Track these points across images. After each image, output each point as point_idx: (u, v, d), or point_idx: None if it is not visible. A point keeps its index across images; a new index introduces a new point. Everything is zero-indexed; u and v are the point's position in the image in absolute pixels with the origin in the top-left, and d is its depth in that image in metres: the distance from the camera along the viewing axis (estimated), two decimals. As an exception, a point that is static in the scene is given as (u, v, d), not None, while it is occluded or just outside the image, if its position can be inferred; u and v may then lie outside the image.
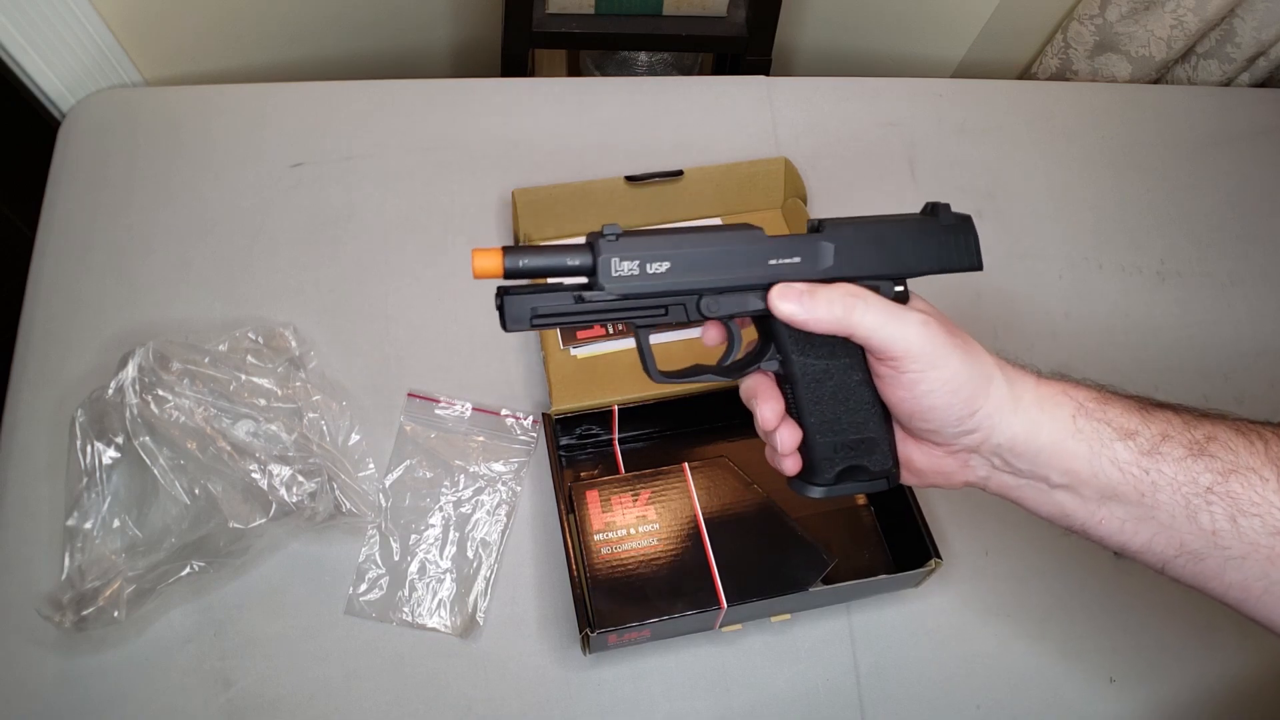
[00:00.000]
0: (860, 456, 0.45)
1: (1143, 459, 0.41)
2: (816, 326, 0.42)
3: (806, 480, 0.46)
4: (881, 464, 0.45)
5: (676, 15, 0.91)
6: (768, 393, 0.45)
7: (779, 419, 0.45)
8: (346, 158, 0.82)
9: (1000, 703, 0.62)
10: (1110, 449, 0.41)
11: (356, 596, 0.61)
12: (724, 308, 0.43)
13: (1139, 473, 0.41)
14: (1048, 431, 0.42)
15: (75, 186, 0.78)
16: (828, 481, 0.45)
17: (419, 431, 0.68)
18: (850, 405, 0.44)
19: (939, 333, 0.41)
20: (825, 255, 0.43)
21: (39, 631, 0.58)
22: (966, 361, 0.41)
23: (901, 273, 0.44)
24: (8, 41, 0.76)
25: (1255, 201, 0.89)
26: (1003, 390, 0.42)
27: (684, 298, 0.43)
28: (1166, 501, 0.40)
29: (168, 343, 0.63)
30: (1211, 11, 0.90)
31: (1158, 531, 0.41)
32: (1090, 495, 0.42)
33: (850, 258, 0.43)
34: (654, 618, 0.56)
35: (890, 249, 0.44)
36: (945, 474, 0.45)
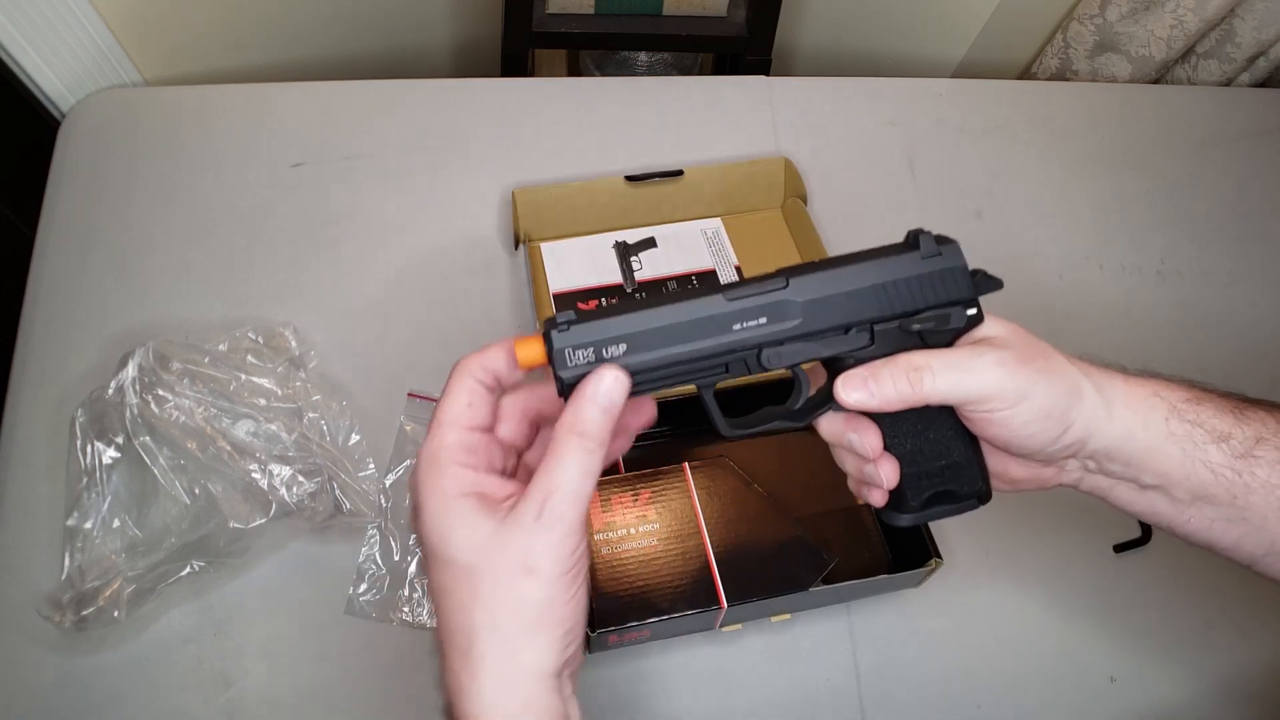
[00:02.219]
0: (947, 482, 0.44)
1: (1236, 462, 0.41)
2: (890, 407, 0.41)
3: (895, 510, 0.44)
4: (970, 485, 0.44)
5: (676, 15, 0.91)
6: (863, 425, 0.43)
7: (880, 450, 0.43)
8: (346, 158, 0.82)
9: (1000, 703, 0.62)
10: (1204, 452, 0.41)
11: (356, 596, 0.61)
12: (785, 359, 0.41)
13: (1232, 475, 0.41)
14: (1141, 436, 0.41)
15: (75, 186, 0.78)
16: (916, 509, 0.44)
17: (419, 431, 0.68)
18: (931, 435, 0.43)
19: (1015, 365, 0.40)
20: (792, 312, 0.40)
21: (39, 631, 0.57)
22: (1051, 382, 0.40)
23: (882, 317, 0.41)
24: (8, 41, 0.76)
25: (1255, 201, 0.89)
26: (1093, 398, 0.41)
27: (744, 354, 0.40)
28: (1259, 503, 0.40)
29: (168, 343, 0.63)
30: (1211, 11, 0.90)
31: (1247, 532, 0.41)
32: (1181, 496, 0.42)
33: (820, 311, 0.40)
34: (654, 618, 0.56)
35: (865, 296, 0.40)
36: (1041, 480, 0.45)
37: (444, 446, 0.36)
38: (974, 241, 0.91)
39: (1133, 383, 0.42)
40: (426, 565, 0.37)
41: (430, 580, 0.37)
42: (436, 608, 0.36)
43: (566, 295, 0.75)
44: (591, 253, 0.78)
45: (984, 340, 0.42)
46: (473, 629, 0.34)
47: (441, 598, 0.36)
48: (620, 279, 0.76)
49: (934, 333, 0.41)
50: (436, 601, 0.36)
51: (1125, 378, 0.43)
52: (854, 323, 0.41)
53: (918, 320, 0.41)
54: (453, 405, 0.37)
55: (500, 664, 0.34)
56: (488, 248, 0.78)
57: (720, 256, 0.79)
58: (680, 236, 0.80)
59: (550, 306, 0.74)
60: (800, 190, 0.81)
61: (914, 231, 0.42)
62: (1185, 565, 0.67)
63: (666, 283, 0.76)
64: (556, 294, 0.75)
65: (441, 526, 0.35)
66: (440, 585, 0.36)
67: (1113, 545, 0.67)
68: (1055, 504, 0.68)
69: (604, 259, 0.77)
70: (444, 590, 0.35)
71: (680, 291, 0.40)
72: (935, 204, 0.85)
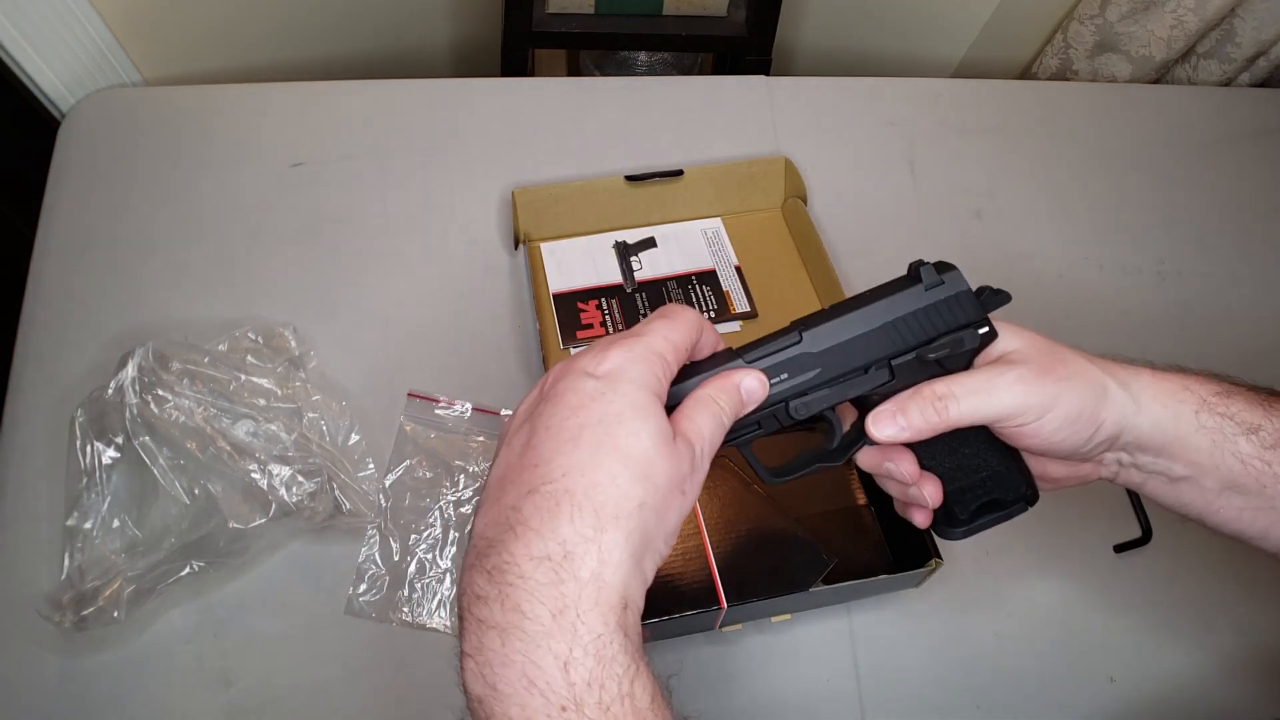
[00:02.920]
0: (991, 491, 0.45)
1: (1266, 452, 0.42)
2: (921, 437, 0.42)
3: (946, 525, 0.46)
4: (1015, 490, 0.45)
5: (676, 15, 0.91)
6: (897, 452, 0.44)
7: (918, 474, 0.44)
8: (346, 158, 0.82)
9: (1000, 703, 0.62)
10: (1234, 443, 0.42)
11: (356, 596, 0.61)
12: (813, 407, 0.42)
13: (1261, 465, 0.42)
14: (1172, 428, 0.42)
15: (75, 186, 0.78)
16: (965, 522, 0.45)
17: (419, 431, 0.68)
18: (967, 451, 0.44)
19: (1036, 379, 0.41)
20: (810, 364, 0.42)
21: (39, 631, 0.57)
22: (1075, 388, 0.41)
23: (897, 352, 0.42)
24: (8, 41, 0.76)
25: (1255, 201, 0.89)
26: (1120, 395, 0.42)
27: (773, 409, 0.42)
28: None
29: (168, 343, 0.63)
30: (1211, 11, 0.90)
31: (1276, 520, 0.42)
32: (1211, 486, 0.43)
33: (837, 358, 0.42)
34: (654, 618, 0.56)
35: (878, 336, 0.42)
36: (1082, 475, 0.46)
37: (662, 354, 0.38)
38: (974, 241, 0.91)
39: (1160, 377, 0.43)
40: (564, 400, 0.36)
41: (556, 420, 0.35)
42: (552, 436, 0.35)
43: (566, 295, 0.75)
44: (591, 253, 0.78)
45: (1003, 358, 0.43)
46: (622, 500, 0.34)
47: (574, 442, 0.34)
48: (620, 279, 0.76)
49: (951, 357, 0.42)
50: (559, 433, 0.35)
51: (1153, 373, 0.44)
52: (872, 362, 0.42)
53: (933, 350, 0.42)
54: (684, 336, 0.39)
55: (621, 541, 0.34)
56: (488, 248, 0.78)
57: (720, 256, 0.79)
58: (680, 236, 0.80)
59: (550, 306, 0.74)
60: (800, 190, 0.81)
61: (914, 264, 0.43)
62: (1185, 565, 0.67)
63: (666, 283, 0.76)
64: (556, 294, 0.75)
65: (642, 405, 0.35)
66: (580, 428, 0.35)
67: (1113, 545, 0.67)
68: (1055, 505, 0.68)
69: (604, 259, 0.77)
70: (588, 440, 0.34)
71: (696, 364, 0.41)
72: (935, 204, 0.85)
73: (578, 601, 0.32)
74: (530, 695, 0.31)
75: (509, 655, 0.32)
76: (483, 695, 0.32)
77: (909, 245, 0.47)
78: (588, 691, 0.31)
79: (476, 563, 0.34)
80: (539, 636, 0.32)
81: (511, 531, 0.33)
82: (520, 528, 0.33)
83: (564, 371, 0.37)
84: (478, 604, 0.33)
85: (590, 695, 0.31)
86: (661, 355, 0.37)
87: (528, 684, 0.31)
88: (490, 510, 0.35)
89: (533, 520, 0.33)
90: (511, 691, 0.32)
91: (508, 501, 0.34)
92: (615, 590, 0.33)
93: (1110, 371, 0.43)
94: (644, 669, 0.33)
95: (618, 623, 0.33)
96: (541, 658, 0.31)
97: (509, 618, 0.32)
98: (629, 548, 0.33)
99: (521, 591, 0.32)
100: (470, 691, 0.33)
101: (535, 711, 0.31)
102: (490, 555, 0.34)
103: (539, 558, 0.33)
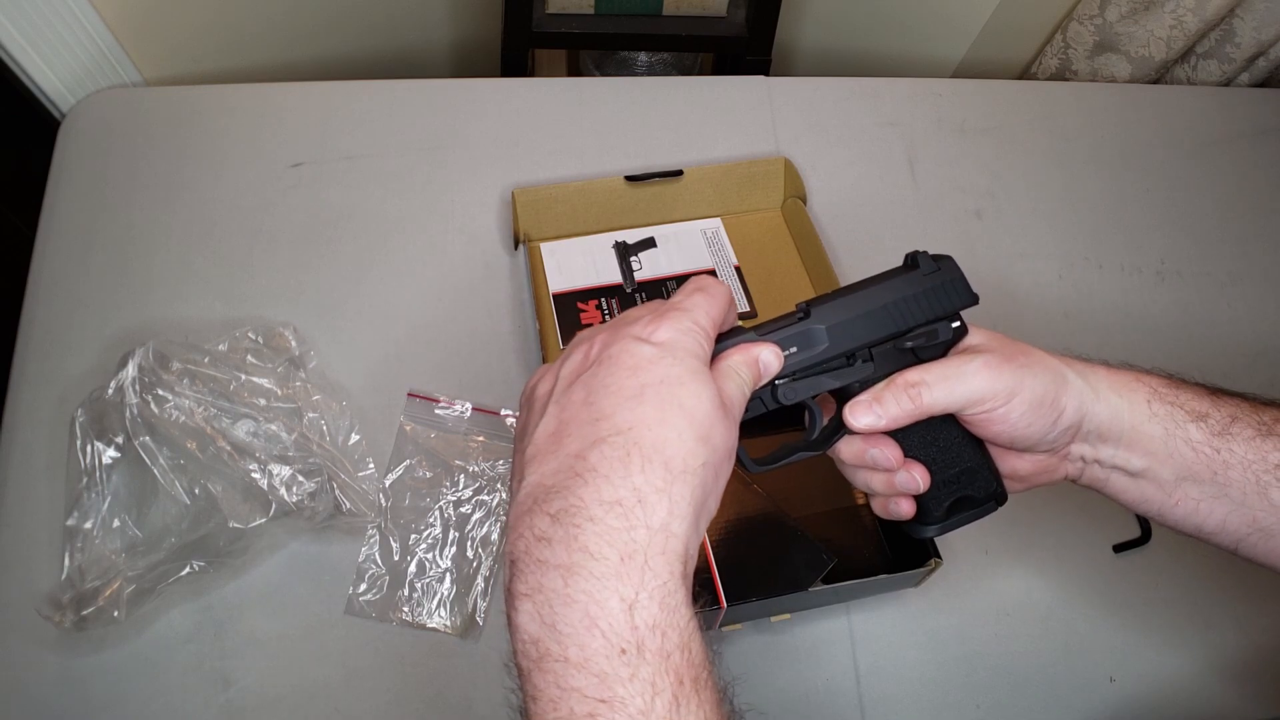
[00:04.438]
0: (964, 488, 0.46)
1: (1214, 439, 0.43)
2: (897, 424, 0.44)
3: (920, 522, 0.47)
4: (986, 487, 0.46)
5: (676, 15, 0.91)
6: (879, 440, 0.45)
7: (903, 457, 0.45)
8: (346, 158, 0.82)
9: (1000, 703, 0.62)
10: (1184, 430, 0.43)
11: (356, 596, 0.61)
12: (799, 393, 0.44)
13: (1211, 452, 0.43)
14: (1128, 415, 0.44)
15: (75, 186, 0.78)
16: (940, 519, 0.47)
17: (419, 431, 0.68)
18: (941, 444, 0.46)
19: (1001, 365, 0.43)
20: (819, 339, 0.44)
21: (39, 631, 0.57)
22: (1036, 374, 0.43)
23: (899, 331, 0.45)
24: (8, 41, 0.76)
25: (1255, 201, 0.89)
26: (1078, 383, 0.44)
27: (760, 392, 0.44)
28: (1238, 479, 0.43)
29: (168, 342, 0.63)
30: (1211, 11, 0.90)
31: (1231, 510, 0.43)
32: (1168, 477, 0.44)
33: (844, 334, 0.44)
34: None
35: (880, 315, 0.44)
36: (1049, 471, 0.47)
37: (706, 329, 0.39)
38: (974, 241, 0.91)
39: (1114, 371, 0.46)
40: (621, 368, 0.36)
41: (616, 380, 0.36)
42: (616, 395, 0.36)
43: (566, 295, 0.75)
44: (591, 253, 0.78)
45: (969, 349, 0.45)
46: (688, 457, 0.35)
47: (641, 399, 0.35)
48: (620, 279, 0.76)
49: (926, 348, 0.45)
50: (628, 393, 0.36)
51: (1107, 367, 0.46)
52: (861, 347, 0.44)
53: (910, 338, 0.45)
54: (721, 311, 0.41)
55: (689, 495, 0.34)
56: (488, 248, 0.78)
57: (720, 256, 0.79)
58: (680, 236, 0.80)
59: (550, 306, 0.74)
60: (800, 190, 0.81)
61: (911, 253, 0.46)
62: (1185, 565, 0.67)
63: (666, 283, 0.76)
64: (556, 294, 0.75)
65: (700, 372, 0.37)
66: (648, 387, 0.36)
67: (1112, 545, 0.67)
68: (1055, 505, 0.68)
69: (604, 259, 0.77)
70: (651, 398, 0.35)
71: (719, 337, 0.42)
72: (935, 204, 0.85)
73: (647, 547, 0.32)
74: (591, 635, 0.31)
75: (572, 594, 0.32)
76: (539, 635, 0.32)
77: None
78: (650, 636, 0.31)
79: (536, 507, 0.34)
80: (606, 577, 0.32)
81: (580, 478, 0.34)
82: (589, 474, 0.34)
83: (613, 338, 0.38)
84: (539, 545, 0.33)
85: (652, 640, 0.31)
86: (705, 329, 0.39)
87: (589, 624, 0.31)
88: (549, 460, 0.35)
89: (602, 467, 0.34)
90: (571, 631, 0.31)
91: (570, 450, 0.35)
92: (681, 540, 0.33)
93: (1068, 363, 0.45)
94: (701, 629, 0.34)
95: (682, 574, 0.33)
96: (607, 598, 0.31)
97: (575, 558, 0.32)
98: (693, 502, 0.34)
99: (590, 533, 0.32)
100: (525, 632, 0.33)
101: (594, 653, 0.31)
102: (554, 499, 0.34)
103: (610, 502, 0.33)
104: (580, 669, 0.31)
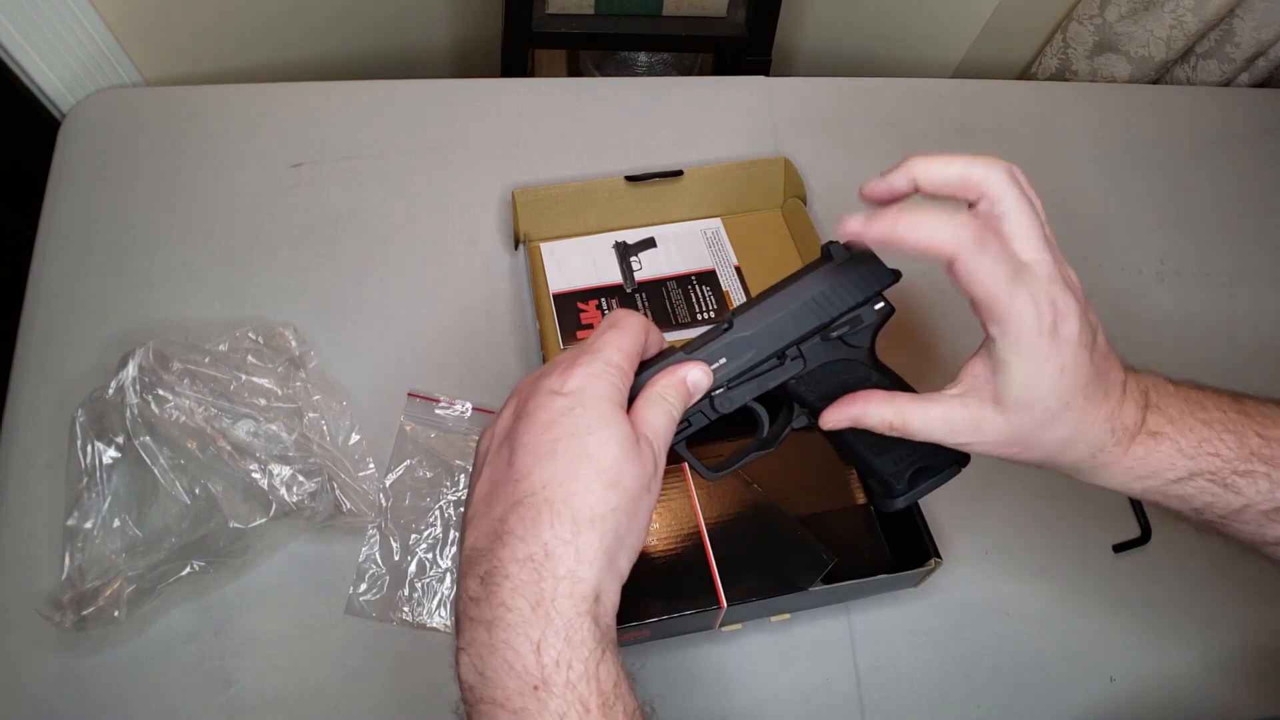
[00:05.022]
0: (922, 458, 0.47)
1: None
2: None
3: (886, 497, 0.48)
4: (946, 455, 0.47)
5: (676, 15, 0.91)
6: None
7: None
8: (346, 158, 0.82)
9: (1000, 703, 0.62)
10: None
11: (356, 596, 0.61)
12: (735, 400, 0.45)
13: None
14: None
15: (75, 186, 0.78)
16: (903, 491, 0.47)
17: (419, 431, 0.68)
18: None
19: (982, 419, 0.42)
20: (746, 346, 0.45)
21: (39, 631, 0.57)
22: (1048, 448, 0.43)
23: (823, 324, 0.45)
24: (8, 41, 0.76)
25: (1255, 201, 0.89)
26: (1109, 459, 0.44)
27: (699, 406, 0.45)
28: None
29: (168, 342, 0.63)
30: (1211, 11, 0.90)
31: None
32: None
33: (769, 337, 0.45)
34: (654, 617, 0.56)
35: (801, 311, 0.45)
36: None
37: (619, 365, 0.41)
38: (974, 241, 0.90)
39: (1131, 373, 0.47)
40: (536, 427, 0.39)
41: (532, 438, 0.38)
42: (534, 455, 0.38)
43: (566, 295, 0.75)
44: (591, 253, 0.78)
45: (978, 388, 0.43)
46: (595, 505, 0.37)
47: (548, 455, 0.38)
48: (620, 279, 0.76)
49: (853, 334, 0.46)
50: (538, 449, 0.38)
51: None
52: (787, 346, 0.45)
53: (834, 329, 0.45)
54: (635, 343, 0.42)
55: (596, 542, 0.37)
56: (488, 248, 0.78)
57: (720, 257, 0.79)
58: (680, 237, 0.80)
59: (550, 306, 0.74)
60: (800, 190, 0.81)
61: (826, 244, 0.46)
62: (1185, 565, 0.67)
63: (666, 283, 0.76)
64: (556, 294, 0.75)
65: (608, 416, 0.39)
66: (554, 443, 0.38)
67: (1112, 545, 0.68)
68: (1055, 505, 0.68)
69: (604, 259, 0.77)
70: (562, 453, 0.38)
71: (645, 364, 0.44)
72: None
73: (554, 593, 0.36)
74: (509, 677, 0.35)
75: (494, 644, 0.36)
76: (473, 683, 0.36)
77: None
78: (556, 671, 0.35)
79: (469, 570, 0.38)
80: (518, 625, 0.35)
81: (500, 540, 0.37)
82: (507, 536, 0.37)
83: (532, 391, 0.40)
84: (471, 605, 0.37)
85: (559, 674, 0.35)
86: (619, 366, 0.41)
87: (507, 667, 0.35)
88: (481, 524, 0.39)
89: (517, 529, 0.37)
90: (495, 675, 0.35)
91: (495, 514, 0.38)
92: (589, 584, 0.36)
93: (1123, 437, 0.44)
94: (611, 655, 0.37)
95: (588, 611, 0.36)
96: (520, 643, 0.35)
97: (496, 612, 0.36)
98: (603, 547, 0.37)
99: (507, 589, 0.36)
100: (464, 681, 0.37)
101: (512, 692, 0.35)
102: (481, 563, 0.37)
103: (522, 559, 0.36)
104: (503, 707, 0.35)
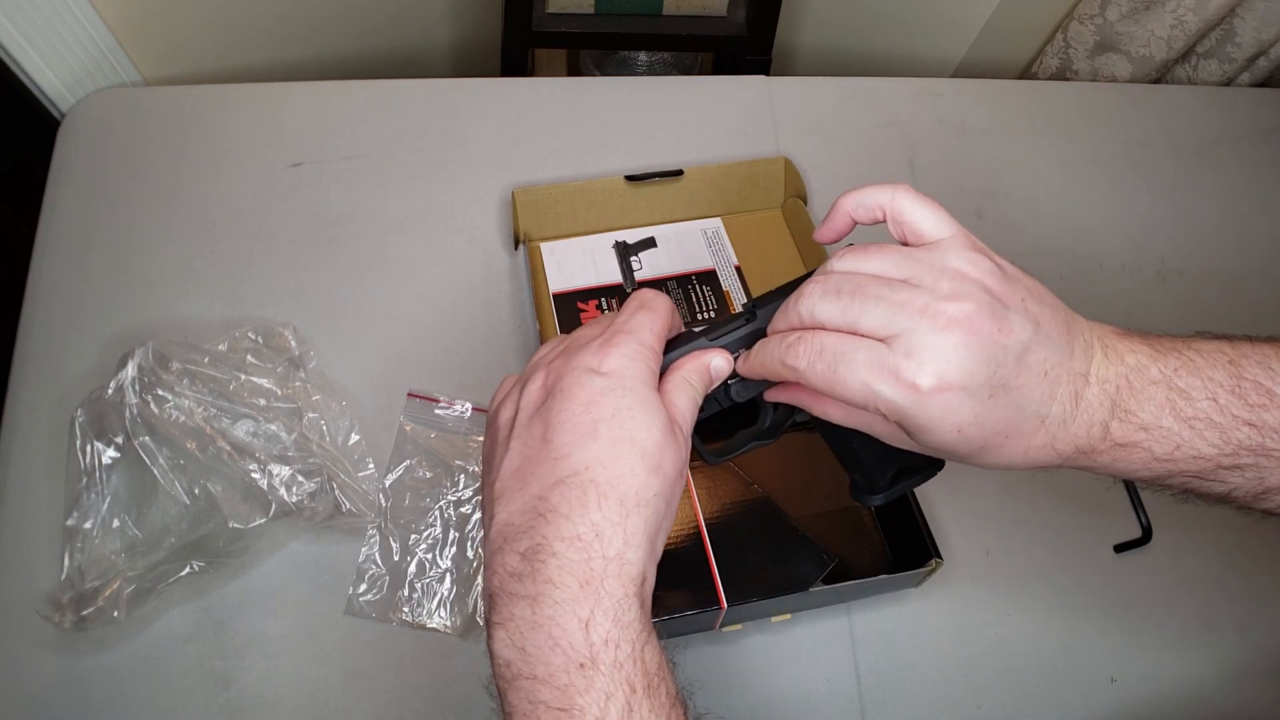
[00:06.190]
0: (907, 456, 0.46)
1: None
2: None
3: (868, 492, 0.48)
4: (925, 458, 0.46)
5: (676, 15, 0.91)
6: None
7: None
8: (346, 158, 0.82)
9: (1000, 703, 0.62)
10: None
11: (356, 596, 0.61)
12: (750, 390, 0.46)
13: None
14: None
15: (75, 186, 0.78)
16: (885, 488, 0.47)
17: (419, 431, 0.68)
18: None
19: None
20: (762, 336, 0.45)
21: (39, 631, 0.57)
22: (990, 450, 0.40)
23: None
24: (8, 41, 0.76)
25: (1255, 201, 0.89)
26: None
27: (714, 393, 0.45)
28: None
29: (168, 343, 0.63)
30: (1211, 11, 0.90)
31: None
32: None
33: None
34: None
35: None
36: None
37: (652, 347, 0.41)
38: (974, 241, 0.90)
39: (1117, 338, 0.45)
40: (575, 403, 0.38)
41: (570, 416, 0.38)
42: (576, 439, 0.38)
43: (566, 295, 0.75)
44: (591, 253, 0.78)
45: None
46: (641, 490, 0.37)
47: (593, 438, 0.38)
48: (620, 279, 0.76)
49: None
50: (584, 433, 0.38)
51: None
52: None
53: None
54: (664, 325, 0.43)
55: (646, 527, 0.37)
56: (488, 248, 0.78)
57: (720, 256, 0.79)
58: (680, 236, 0.80)
59: (550, 306, 0.74)
60: (800, 190, 0.81)
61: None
62: (1185, 565, 0.67)
63: (666, 283, 0.76)
64: (556, 294, 0.75)
65: (649, 400, 0.39)
66: (599, 422, 0.38)
67: (1113, 545, 0.67)
68: (1055, 505, 0.68)
69: (604, 259, 0.77)
70: (604, 434, 0.38)
71: (668, 344, 0.44)
72: (935, 204, 0.85)
73: (604, 573, 0.36)
74: (554, 653, 0.35)
75: (538, 619, 0.35)
76: (511, 658, 0.36)
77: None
78: (604, 649, 0.35)
79: (506, 545, 0.38)
80: (566, 601, 0.35)
81: (543, 518, 0.37)
82: (550, 514, 0.37)
83: (566, 369, 0.40)
84: (511, 580, 0.37)
85: (606, 653, 0.35)
86: (652, 348, 0.41)
87: (552, 643, 0.35)
88: (514, 499, 0.38)
89: (562, 508, 0.37)
90: (537, 651, 0.35)
91: (533, 490, 0.38)
92: (636, 566, 0.37)
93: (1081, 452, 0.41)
94: (654, 639, 0.37)
95: (635, 593, 0.36)
96: (567, 619, 0.35)
97: (540, 588, 0.36)
98: (647, 531, 0.37)
99: (553, 566, 0.36)
100: (499, 656, 0.36)
101: (557, 668, 0.34)
102: (522, 539, 0.37)
103: (570, 538, 0.36)
104: (545, 684, 0.35)
